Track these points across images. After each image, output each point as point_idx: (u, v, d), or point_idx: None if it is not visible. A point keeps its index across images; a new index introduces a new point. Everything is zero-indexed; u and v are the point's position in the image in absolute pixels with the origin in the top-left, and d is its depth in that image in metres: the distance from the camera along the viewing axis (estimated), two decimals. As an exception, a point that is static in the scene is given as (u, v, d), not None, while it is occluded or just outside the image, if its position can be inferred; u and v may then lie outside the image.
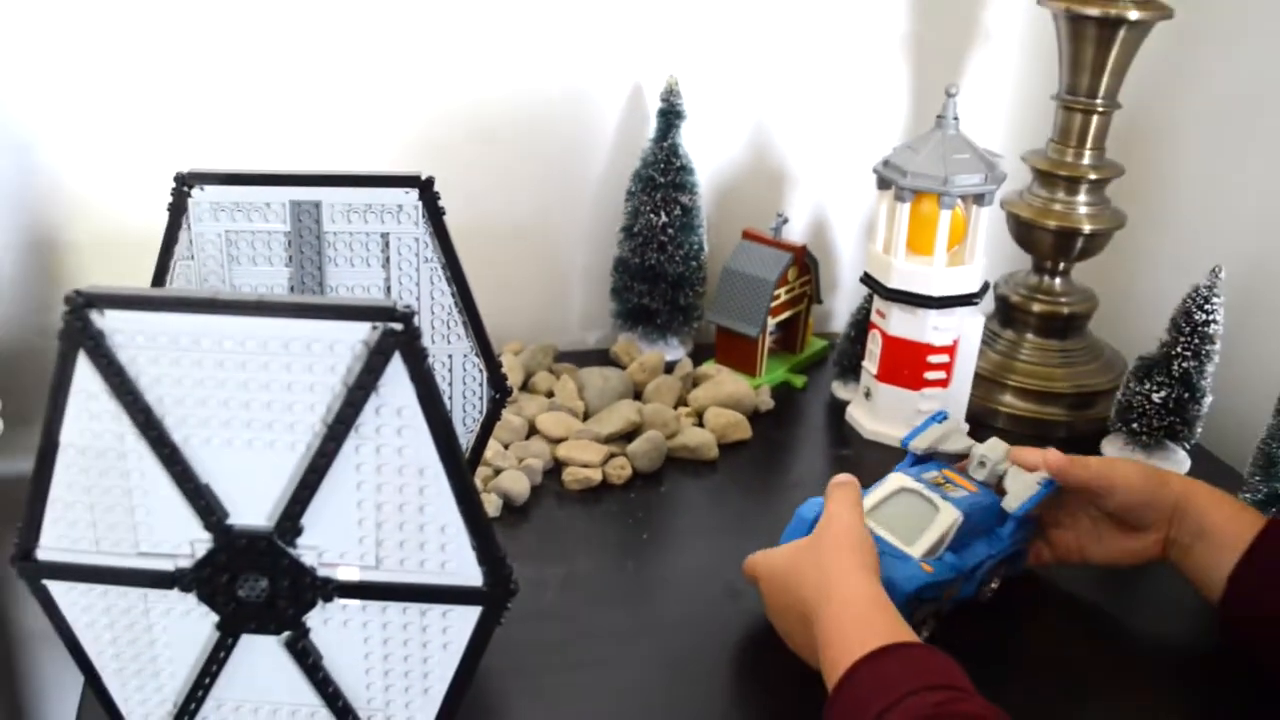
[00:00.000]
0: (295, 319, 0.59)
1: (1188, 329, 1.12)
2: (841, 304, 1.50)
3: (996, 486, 0.94)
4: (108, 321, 0.59)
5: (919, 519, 0.90)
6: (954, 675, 0.70)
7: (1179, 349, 1.13)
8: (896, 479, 0.94)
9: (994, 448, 0.96)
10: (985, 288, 1.17)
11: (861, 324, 1.25)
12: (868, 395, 1.21)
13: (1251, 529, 0.87)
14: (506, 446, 1.11)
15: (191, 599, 0.66)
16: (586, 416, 1.19)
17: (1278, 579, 0.84)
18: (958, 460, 0.98)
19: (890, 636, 0.73)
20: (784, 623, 0.87)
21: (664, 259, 1.29)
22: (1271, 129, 1.22)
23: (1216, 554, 0.88)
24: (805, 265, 1.32)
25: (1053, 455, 0.92)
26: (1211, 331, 1.12)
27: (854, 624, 0.75)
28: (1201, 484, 0.92)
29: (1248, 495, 1.02)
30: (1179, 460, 1.19)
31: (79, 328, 0.59)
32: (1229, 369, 1.18)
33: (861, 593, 0.78)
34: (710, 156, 1.36)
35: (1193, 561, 0.90)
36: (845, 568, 0.80)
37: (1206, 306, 1.11)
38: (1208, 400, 1.15)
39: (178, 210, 0.79)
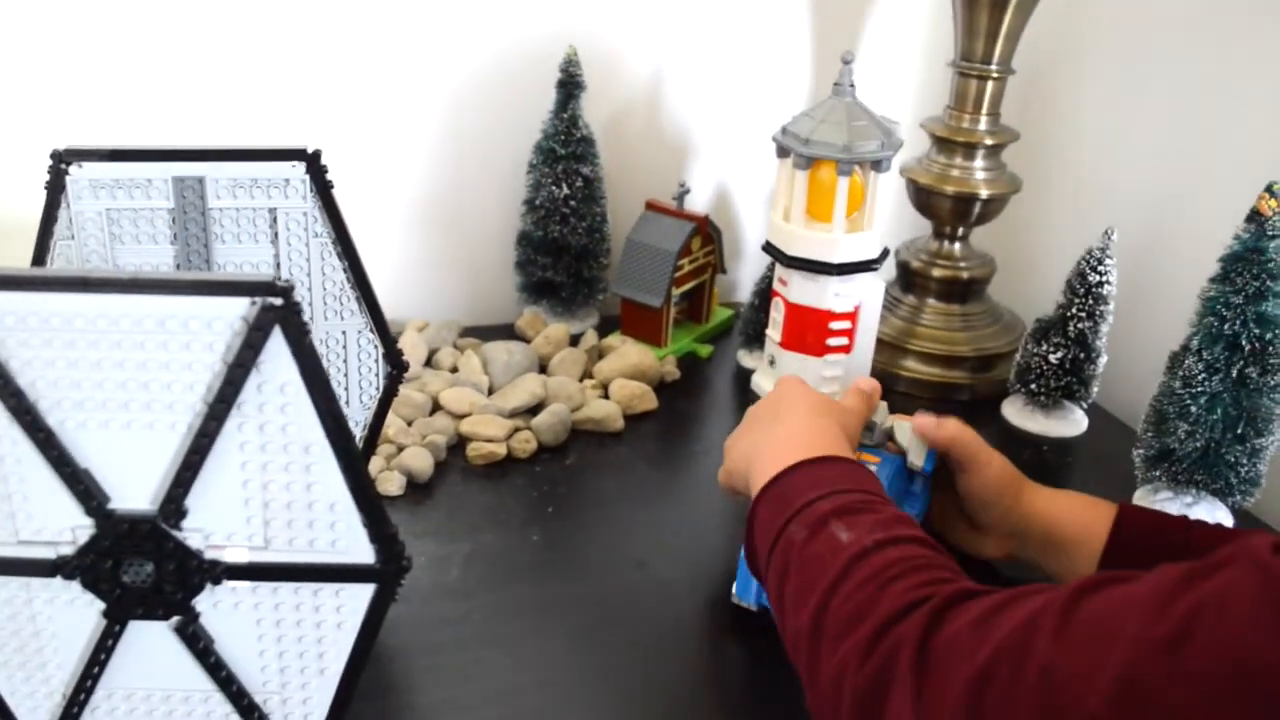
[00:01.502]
0: (171, 295, 0.57)
1: (1082, 290, 1.14)
2: (746, 273, 1.50)
3: (886, 446, 0.94)
4: (-26, 303, 0.57)
5: None
6: (872, 483, 0.74)
7: (1074, 310, 1.15)
8: None
9: (877, 409, 0.94)
10: (885, 254, 1.17)
11: (765, 292, 1.25)
12: (772, 363, 1.21)
13: (1104, 525, 0.84)
14: (410, 424, 1.10)
15: (75, 586, 0.64)
16: (491, 392, 1.18)
17: (1138, 562, 0.83)
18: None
19: (824, 452, 0.75)
20: (734, 479, 0.87)
21: (567, 231, 1.28)
22: (1161, 93, 1.24)
23: (1072, 562, 0.86)
24: (709, 235, 1.32)
25: (922, 417, 0.91)
26: (1105, 293, 1.13)
27: (791, 449, 0.77)
28: (1048, 493, 0.90)
29: (1141, 451, 1.04)
30: (1077, 419, 1.21)
31: (-57, 310, 0.57)
32: (1123, 329, 1.20)
33: (809, 424, 0.81)
34: (611, 127, 1.35)
35: (1050, 568, 0.88)
36: (803, 414, 0.83)
37: (1100, 268, 1.13)
38: (1103, 360, 1.17)
39: (55, 189, 0.76)
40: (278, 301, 0.57)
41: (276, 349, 0.58)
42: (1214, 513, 1.00)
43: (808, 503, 0.70)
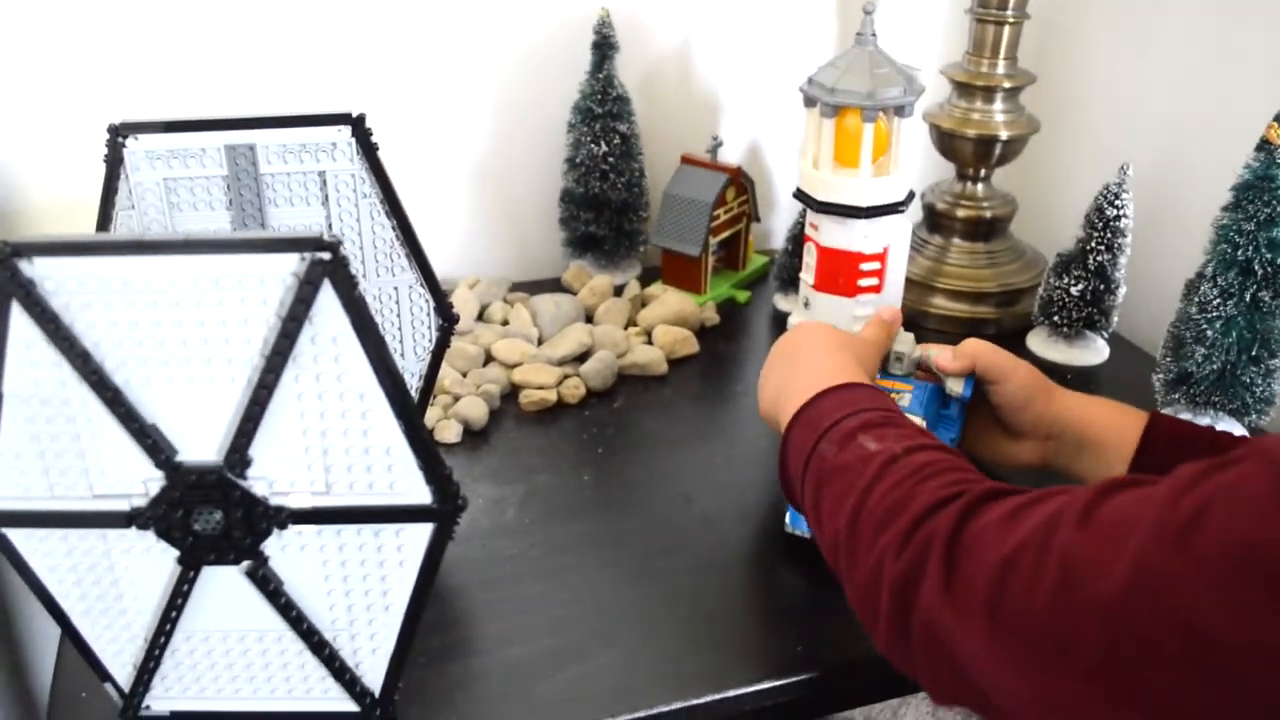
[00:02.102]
0: (224, 255, 0.55)
1: (1100, 224, 1.10)
2: (779, 221, 1.47)
3: (916, 375, 0.90)
4: (37, 269, 0.55)
5: None
6: (892, 404, 0.73)
7: (1093, 244, 1.11)
8: None
9: (903, 340, 0.90)
10: (911, 196, 1.13)
11: (798, 238, 1.21)
12: (806, 305, 1.17)
13: (1135, 431, 0.80)
14: (464, 375, 1.08)
15: (150, 536, 0.62)
16: (540, 342, 1.15)
17: (1167, 468, 0.80)
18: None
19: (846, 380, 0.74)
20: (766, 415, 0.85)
21: (607, 187, 1.25)
22: (1173, 29, 1.19)
23: (1104, 463, 0.81)
24: (742, 185, 1.29)
25: (938, 353, 0.88)
26: (1123, 226, 1.10)
27: (815, 381, 0.75)
28: (1081, 396, 0.85)
29: (1160, 376, 1.00)
30: (1099, 348, 1.18)
31: (8, 277, 0.55)
32: (1141, 260, 1.16)
33: (829, 360, 0.78)
34: (645, 85, 1.31)
35: (1081, 470, 0.84)
36: (822, 351, 0.80)
37: (1117, 202, 1.09)
38: (1122, 291, 1.14)
39: (114, 162, 0.74)
40: (326, 256, 0.55)
41: (327, 302, 0.56)
42: (1232, 432, 0.97)
43: (835, 422, 0.70)
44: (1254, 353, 0.94)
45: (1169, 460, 0.74)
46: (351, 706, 0.70)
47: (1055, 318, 1.15)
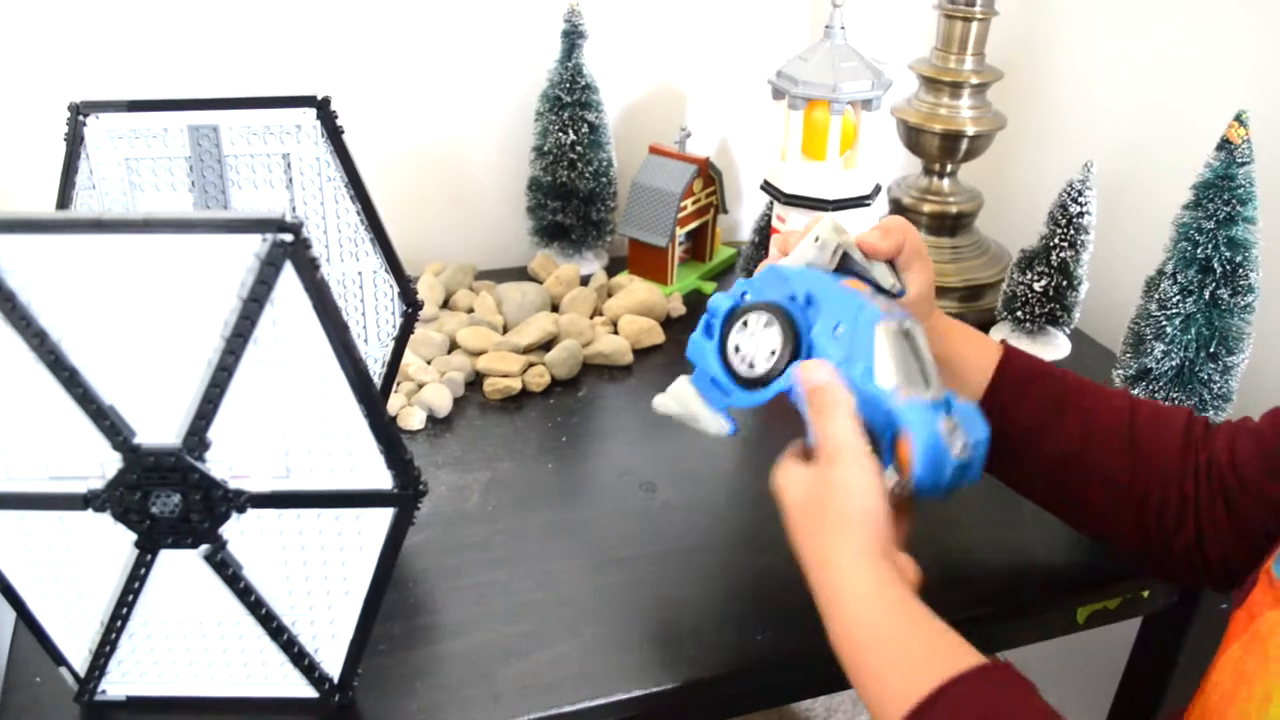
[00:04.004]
0: (184, 234, 0.54)
1: (1064, 221, 1.11)
2: (747, 213, 1.47)
3: (840, 265, 0.74)
4: (-7, 247, 0.54)
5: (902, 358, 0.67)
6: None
7: (1056, 240, 1.12)
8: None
9: (825, 226, 0.73)
10: (877, 190, 1.14)
11: (765, 230, 1.22)
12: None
13: (992, 360, 0.77)
14: (429, 362, 1.07)
15: (106, 519, 0.62)
16: (506, 330, 1.15)
17: (1019, 400, 0.77)
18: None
19: (936, 664, 0.58)
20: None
21: (574, 176, 1.24)
22: (1138, 29, 1.20)
23: (963, 388, 0.76)
24: (710, 177, 1.29)
25: (861, 236, 0.75)
26: (1085, 223, 1.11)
27: (883, 645, 0.60)
28: (953, 323, 0.80)
29: (1120, 371, 1.01)
30: (1060, 343, 1.18)
31: (-36, 254, 0.54)
32: (1103, 257, 1.17)
33: (868, 591, 0.61)
34: (614, 74, 1.31)
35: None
36: (847, 552, 0.62)
37: (1080, 199, 1.10)
38: (1084, 287, 1.14)
39: (74, 140, 0.73)
40: (288, 238, 0.54)
41: (288, 284, 0.55)
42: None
43: None
44: (1212, 349, 0.95)
45: (1019, 395, 0.75)
46: (310, 692, 0.69)
47: (1018, 313, 1.16)
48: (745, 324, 0.72)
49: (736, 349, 0.72)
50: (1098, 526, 0.78)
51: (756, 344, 0.71)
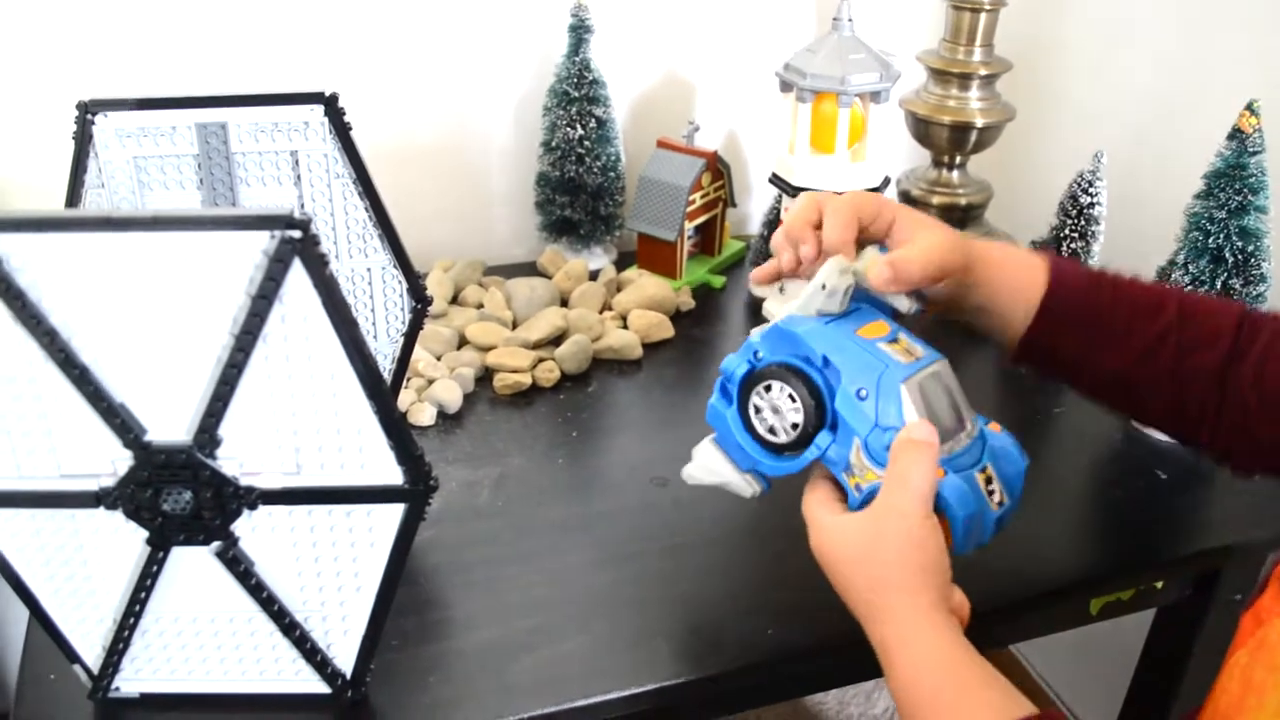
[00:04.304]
0: (192, 232, 0.55)
1: (1074, 212, 1.11)
2: (755, 206, 1.46)
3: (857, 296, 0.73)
4: (3, 246, 0.55)
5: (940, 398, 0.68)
6: None
7: (1067, 231, 1.11)
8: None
9: (830, 269, 0.71)
10: (886, 182, 1.14)
11: (773, 223, 1.21)
12: (781, 290, 1.17)
13: (1039, 288, 0.74)
14: (439, 358, 1.07)
15: (118, 516, 0.62)
16: (515, 325, 1.15)
17: (1064, 339, 0.75)
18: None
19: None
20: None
21: (583, 171, 1.24)
22: (1148, 19, 1.19)
23: (1006, 321, 0.75)
24: (718, 170, 1.28)
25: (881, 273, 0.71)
26: (1096, 213, 1.10)
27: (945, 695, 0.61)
28: (993, 262, 0.75)
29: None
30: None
31: (-27, 253, 0.54)
32: (1114, 247, 1.16)
33: (930, 644, 0.62)
34: (622, 69, 1.31)
35: (985, 324, 0.77)
36: (913, 602, 0.63)
37: (1090, 190, 1.09)
38: (1096, 277, 1.14)
39: (83, 139, 0.73)
40: (296, 234, 0.54)
41: (297, 280, 0.55)
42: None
43: None
44: (1224, 339, 0.94)
45: (1060, 333, 0.74)
46: (323, 688, 0.69)
47: (1028, 304, 1.16)
48: (768, 388, 0.70)
49: (757, 410, 0.71)
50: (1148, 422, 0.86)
51: (780, 417, 0.70)
